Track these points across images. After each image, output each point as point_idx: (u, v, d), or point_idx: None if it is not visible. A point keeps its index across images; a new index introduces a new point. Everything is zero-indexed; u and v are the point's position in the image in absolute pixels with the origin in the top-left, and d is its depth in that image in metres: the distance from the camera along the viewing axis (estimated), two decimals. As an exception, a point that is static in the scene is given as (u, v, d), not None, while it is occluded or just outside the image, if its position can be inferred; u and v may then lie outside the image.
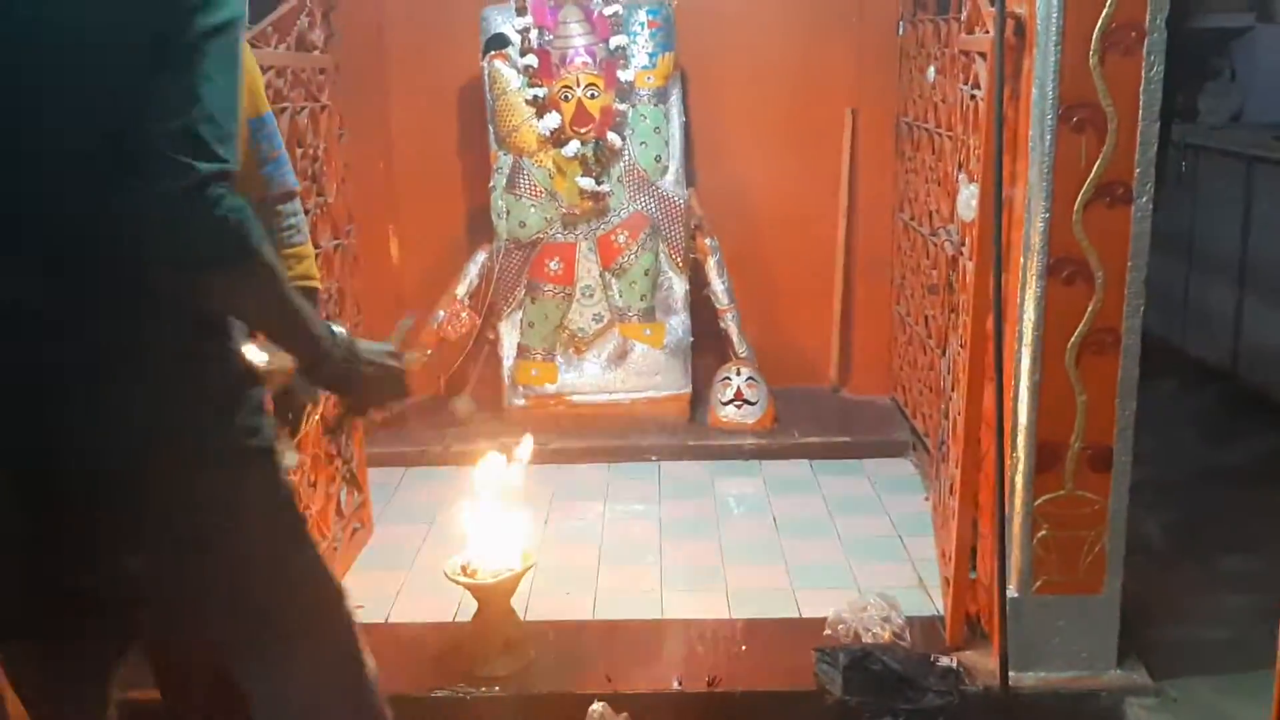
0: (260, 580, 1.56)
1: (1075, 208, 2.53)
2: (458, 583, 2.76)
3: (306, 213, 3.09)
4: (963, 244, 3.11)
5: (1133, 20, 2.46)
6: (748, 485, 4.05)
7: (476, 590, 2.77)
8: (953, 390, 2.99)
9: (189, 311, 1.42)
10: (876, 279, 4.67)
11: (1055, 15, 2.46)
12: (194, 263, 1.34)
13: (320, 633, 1.66)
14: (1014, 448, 2.67)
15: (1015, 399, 2.66)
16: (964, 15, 3.25)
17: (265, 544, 1.56)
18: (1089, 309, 2.58)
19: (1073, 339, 2.60)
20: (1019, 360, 2.64)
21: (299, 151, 3.04)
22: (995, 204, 2.59)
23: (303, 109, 3.08)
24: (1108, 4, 2.45)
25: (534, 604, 3.12)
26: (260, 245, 1.38)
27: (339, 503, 3.37)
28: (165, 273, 1.35)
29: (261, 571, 1.56)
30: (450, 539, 3.42)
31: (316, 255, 3.13)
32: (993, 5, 2.66)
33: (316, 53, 3.23)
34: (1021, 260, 2.60)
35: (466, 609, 2.98)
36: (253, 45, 2.72)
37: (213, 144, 1.32)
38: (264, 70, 2.80)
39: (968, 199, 2.85)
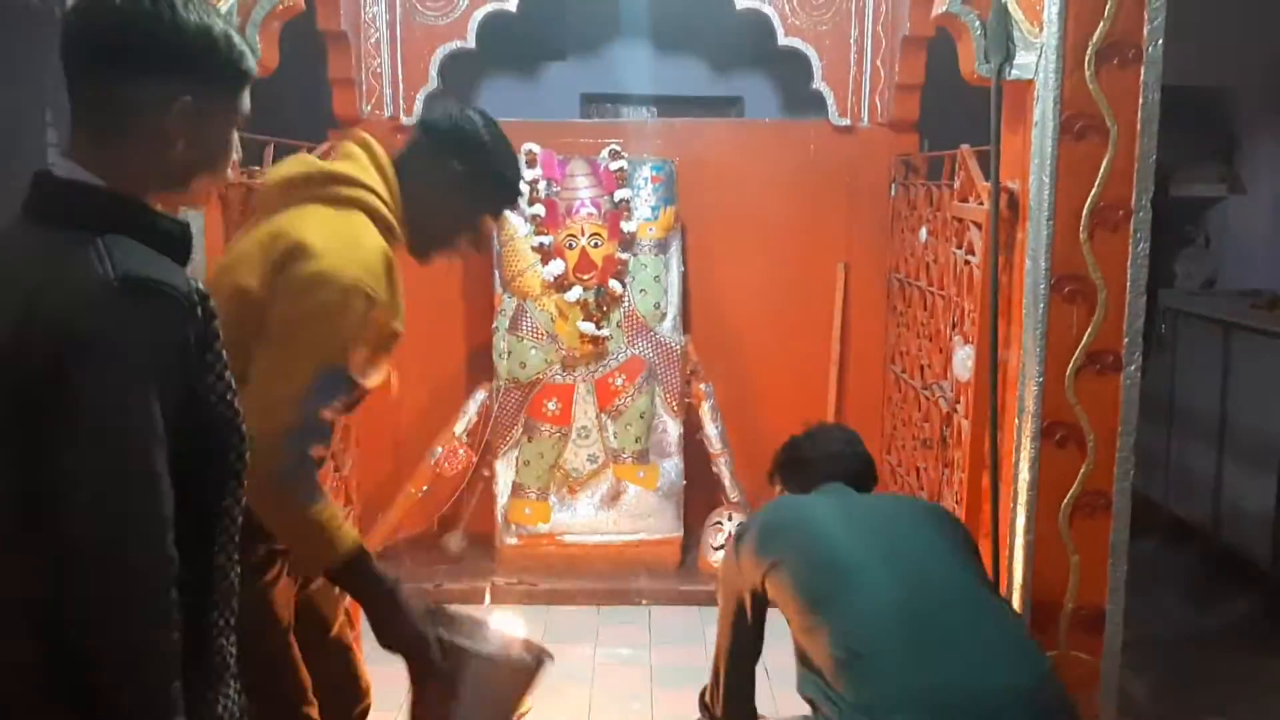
0: None
1: (1067, 373, 2.64)
2: (453, 726, 2.74)
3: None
4: (957, 401, 3.21)
5: (1120, 199, 2.61)
6: (738, 632, 4.04)
7: (472, 735, 2.74)
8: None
9: None
10: (867, 429, 4.68)
11: (1047, 192, 2.61)
12: None
13: None
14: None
15: (1010, 557, 2.72)
16: (957, 183, 3.42)
17: None
18: (1081, 471, 2.67)
19: (1065, 500, 2.68)
20: (1014, 519, 2.70)
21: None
22: (990, 367, 2.69)
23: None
24: (1096, 183, 2.60)
25: (525, 749, 3.09)
26: None
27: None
28: None
29: None
30: (441, 679, 3.41)
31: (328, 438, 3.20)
32: (987, 180, 2.82)
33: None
34: (1016, 422, 2.69)
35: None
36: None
37: None
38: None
39: (963, 359, 2.96)
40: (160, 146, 1.37)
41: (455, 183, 2.13)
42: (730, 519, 4.46)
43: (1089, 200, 2.60)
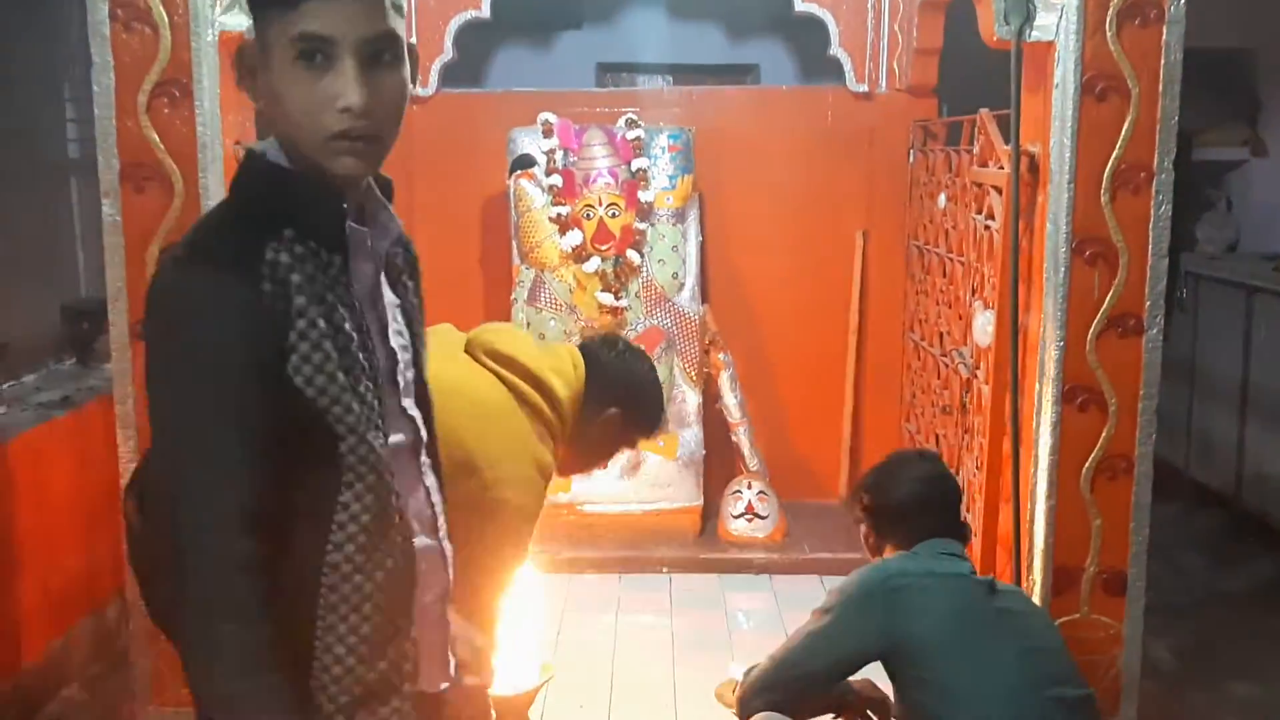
0: None
1: (1088, 337, 2.63)
2: (478, 693, 2.77)
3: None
4: (977, 367, 3.20)
5: (1142, 161, 2.59)
6: (759, 600, 4.07)
7: (497, 703, 2.77)
8: (968, 511, 3.04)
9: None
10: (886, 396, 4.76)
11: (1068, 155, 2.59)
12: None
13: None
14: (1030, 570, 2.71)
15: (1031, 521, 2.72)
16: (976, 149, 3.40)
17: None
18: (1103, 435, 2.66)
19: (1087, 464, 2.68)
20: (1035, 484, 2.70)
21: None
22: (1011, 332, 2.68)
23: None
24: (1118, 146, 2.58)
25: (548, 716, 3.12)
26: None
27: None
28: None
29: None
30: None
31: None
32: (1007, 144, 2.80)
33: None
34: (1037, 386, 2.69)
35: (482, 720, 2.98)
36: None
37: None
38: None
39: (984, 325, 2.95)
40: (254, 95, 1.26)
41: (617, 425, 2.19)
42: (750, 487, 4.47)
43: (1110, 162, 2.58)
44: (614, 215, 4.28)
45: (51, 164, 4.10)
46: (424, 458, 1.36)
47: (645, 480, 4.47)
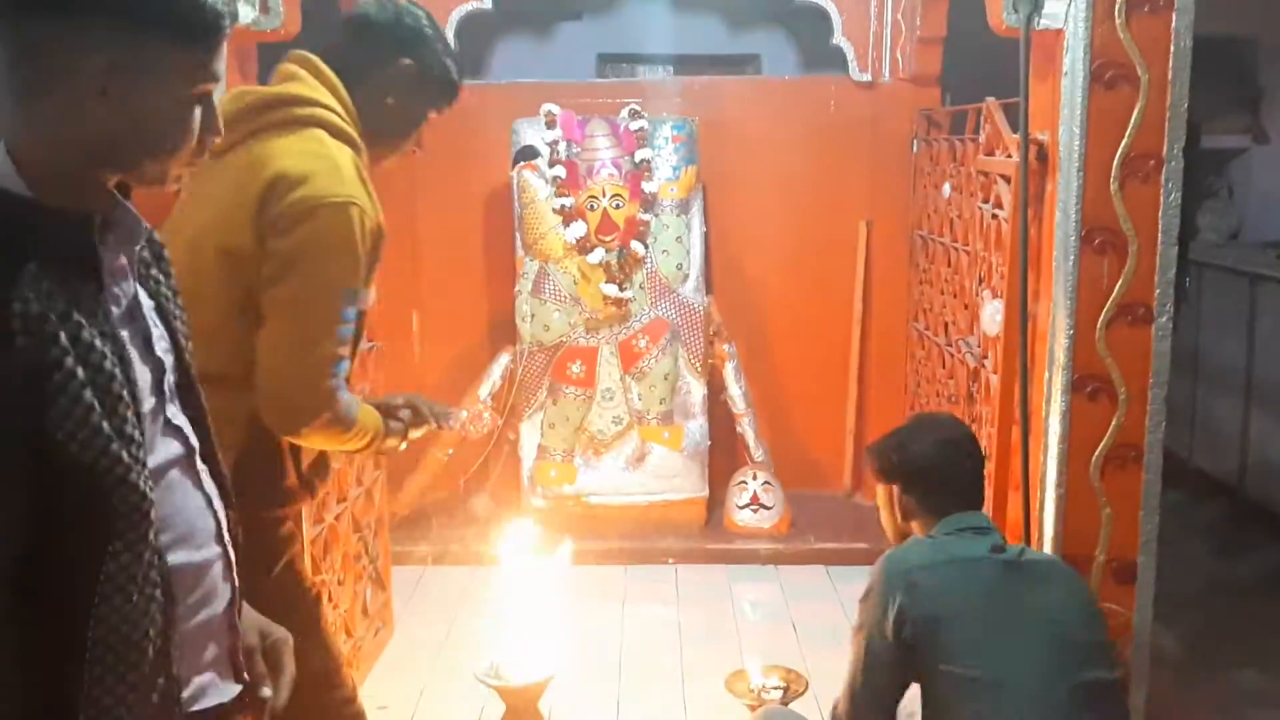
0: None
1: (1098, 326, 2.63)
2: (489, 685, 2.77)
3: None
4: (985, 357, 3.20)
5: (1151, 149, 2.59)
6: (765, 591, 4.07)
7: (507, 694, 2.78)
8: (977, 500, 3.04)
9: None
10: (890, 387, 4.76)
11: (1077, 143, 2.58)
12: None
13: None
14: (1040, 559, 2.71)
15: (1040, 510, 2.72)
16: (982, 137, 3.39)
17: None
18: (1112, 424, 2.66)
19: (1096, 453, 2.68)
20: (1045, 472, 2.70)
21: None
22: (1020, 320, 2.68)
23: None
24: (1128, 133, 2.57)
25: (556, 707, 3.12)
26: None
27: (364, 601, 3.39)
28: None
29: None
30: (471, 640, 3.45)
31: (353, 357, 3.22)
32: (1015, 131, 2.79)
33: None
34: (1046, 375, 2.68)
35: (490, 711, 2.99)
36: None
37: None
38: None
39: (991, 314, 2.94)
40: (75, 113, 1.14)
41: (406, 82, 2.05)
42: (755, 478, 4.47)
43: (1120, 150, 2.57)
44: (618, 206, 4.27)
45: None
46: (199, 464, 1.32)
47: (650, 472, 4.47)
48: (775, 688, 2.84)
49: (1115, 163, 2.58)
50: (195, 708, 1.30)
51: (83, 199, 1.17)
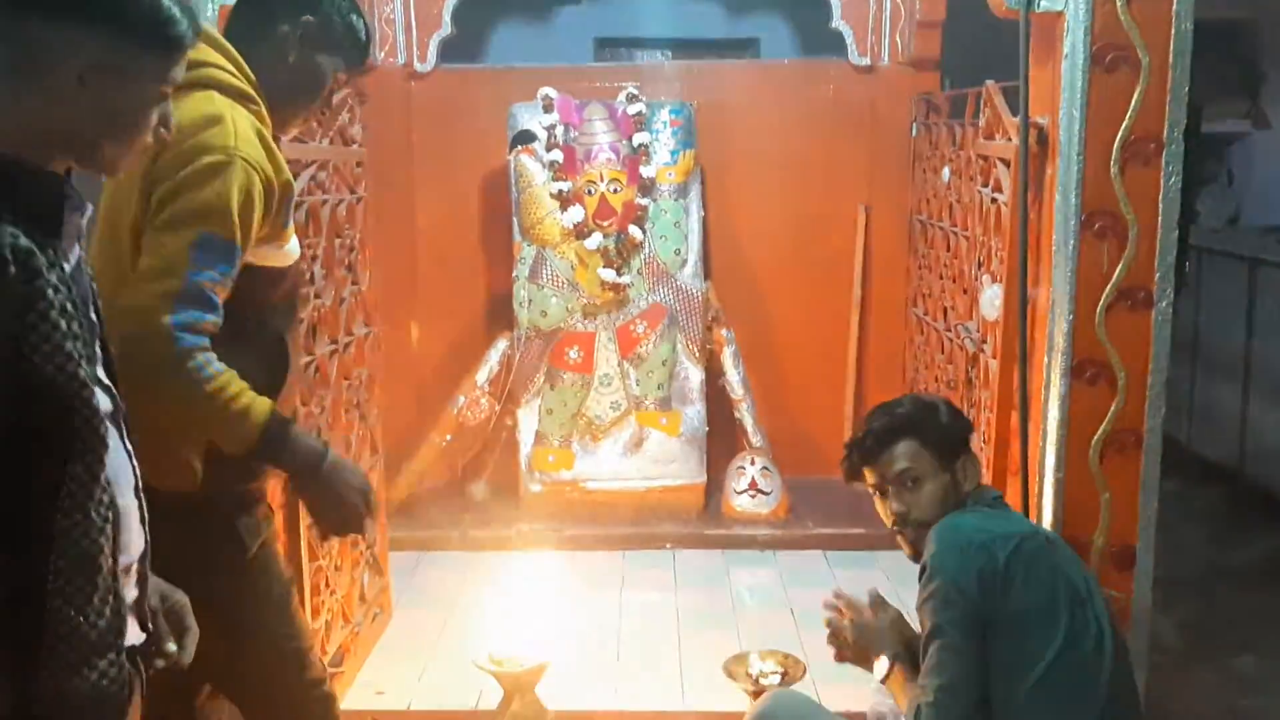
0: None
1: (1098, 310, 2.61)
2: (487, 671, 2.77)
3: (341, 301, 3.17)
4: (984, 342, 3.19)
5: (1152, 133, 2.57)
6: (763, 576, 4.07)
7: (504, 679, 2.78)
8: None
9: None
10: (889, 371, 4.75)
11: (1078, 127, 2.56)
12: None
13: None
14: (1039, 544, 2.70)
15: (1040, 495, 2.71)
16: (981, 121, 3.37)
17: None
18: (1111, 409, 2.65)
19: (1096, 438, 2.66)
20: (1043, 458, 2.69)
21: (337, 242, 3.12)
22: (1020, 305, 2.67)
23: (341, 201, 3.17)
24: (1128, 117, 2.55)
25: (554, 692, 3.11)
26: None
27: (361, 587, 3.39)
28: None
29: None
30: (469, 625, 3.45)
31: (349, 343, 3.21)
32: (1014, 115, 2.78)
33: (355, 146, 3.33)
34: (1045, 360, 2.67)
35: (488, 695, 2.99)
36: (299, 140, 2.82)
37: None
38: (308, 164, 2.91)
39: (991, 299, 2.93)
40: (50, 103, 1.28)
41: (307, 39, 1.99)
42: (753, 463, 4.47)
43: (1120, 134, 2.55)
44: (615, 191, 4.26)
45: None
46: (122, 421, 1.43)
47: (649, 457, 4.47)
48: (773, 672, 2.83)
49: (1116, 146, 2.56)
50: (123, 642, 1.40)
51: (50, 171, 1.32)
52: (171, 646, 1.51)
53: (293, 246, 2.01)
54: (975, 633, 2.03)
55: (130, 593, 1.43)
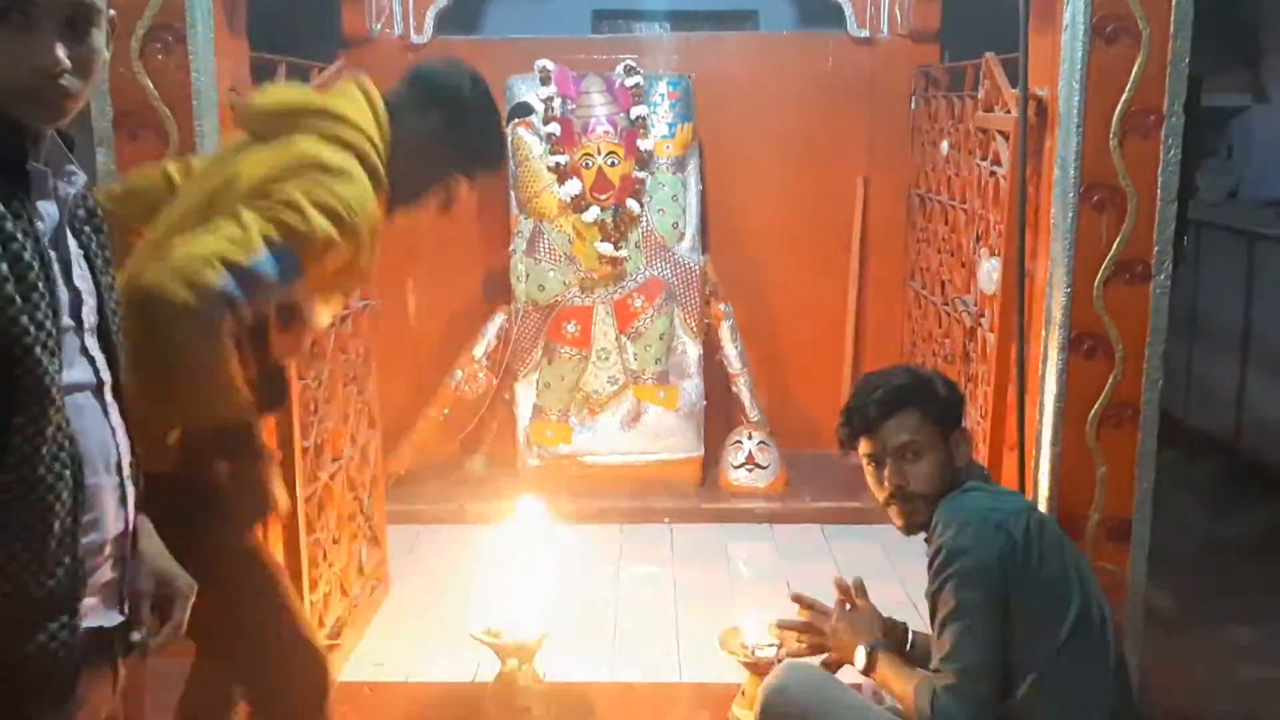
0: None
1: (1096, 283, 2.61)
2: (485, 643, 2.78)
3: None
4: (982, 315, 3.19)
5: (1151, 105, 2.56)
6: (760, 550, 4.08)
7: (503, 651, 2.78)
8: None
9: None
10: (886, 345, 4.75)
11: (1077, 99, 2.55)
12: None
13: None
14: (1035, 517, 2.71)
15: (1036, 469, 2.71)
16: (980, 94, 3.36)
17: None
18: (1109, 382, 2.65)
19: (1093, 411, 2.67)
20: (1040, 431, 2.70)
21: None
22: (1018, 279, 2.66)
23: (338, 173, 3.14)
24: (1127, 89, 2.54)
25: (552, 665, 3.12)
26: None
27: (360, 560, 3.39)
28: None
29: None
30: (467, 598, 3.45)
31: (346, 317, 3.21)
32: (1014, 87, 2.76)
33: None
34: (1043, 333, 2.67)
35: (486, 668, 2.99)
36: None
37: None
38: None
39: (989, 272, 2.93)
40: None
41: (435, 137, 2.11)
42: (750, 438, 4.47)
43: (1120, 106, 2.55)
44: (613, 164, 4.24)
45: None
46: (108, 398, 1.40)
47: (646, 431, 4.47)
48: (769, 645, 2.84)
49: (1115, 118, 2.55)
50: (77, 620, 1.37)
51: (11, 123, 1.29)
52: (135, 636, 1.46)
53: (324, 317, 2.12)
54: (998, 613, 2.01)
55: (105, 574, 1.39)
